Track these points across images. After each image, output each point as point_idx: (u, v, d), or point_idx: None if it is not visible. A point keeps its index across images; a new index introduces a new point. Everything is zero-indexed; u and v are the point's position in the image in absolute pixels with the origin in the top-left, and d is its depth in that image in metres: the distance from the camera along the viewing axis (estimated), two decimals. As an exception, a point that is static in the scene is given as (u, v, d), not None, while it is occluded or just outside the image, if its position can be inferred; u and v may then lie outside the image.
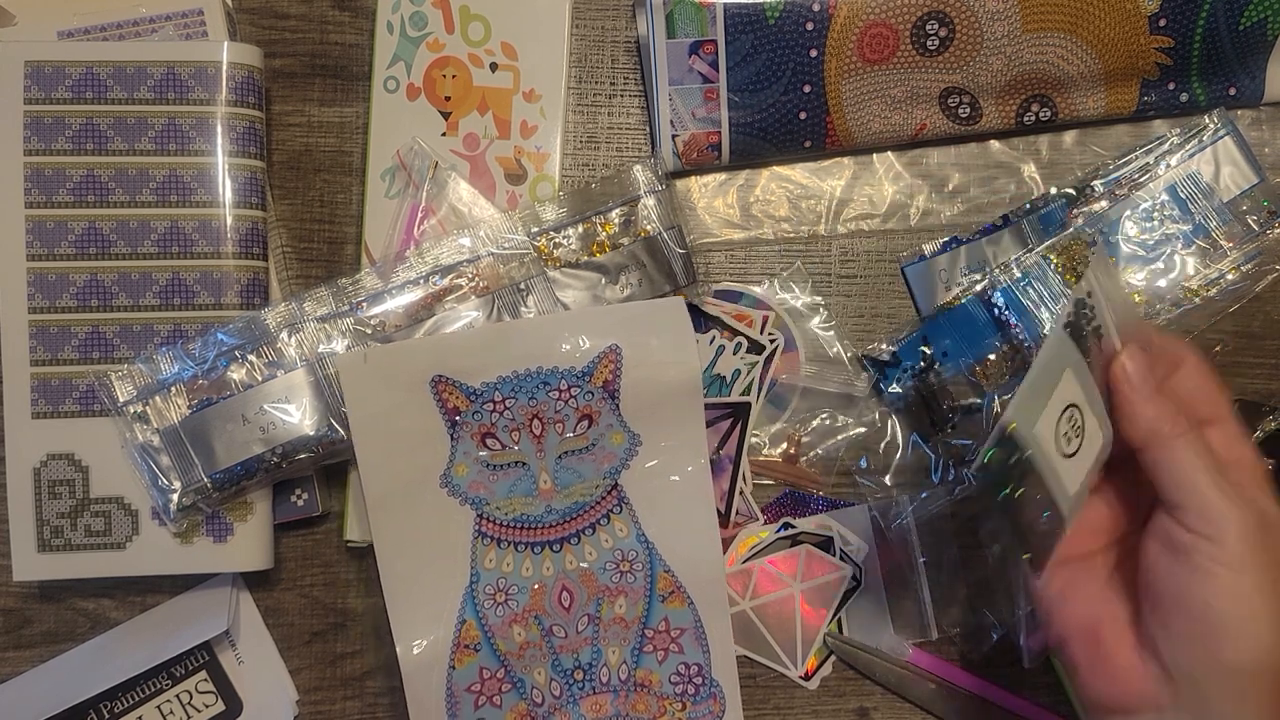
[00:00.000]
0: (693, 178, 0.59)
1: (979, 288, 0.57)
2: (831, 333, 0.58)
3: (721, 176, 0.59)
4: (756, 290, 0.58)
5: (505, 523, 0.54)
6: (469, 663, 0.53)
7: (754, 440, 0.57)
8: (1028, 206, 0.58)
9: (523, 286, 0.54)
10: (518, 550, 0.54)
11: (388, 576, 0.53)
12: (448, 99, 0.57)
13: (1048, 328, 0.45)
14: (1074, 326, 0.41)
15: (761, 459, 0.57)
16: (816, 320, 0.58)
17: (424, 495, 0.53)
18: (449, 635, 0.53)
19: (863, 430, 0.58)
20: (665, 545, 0.54)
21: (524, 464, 0.54)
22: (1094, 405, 0.42)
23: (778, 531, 0.56)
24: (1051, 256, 0.56)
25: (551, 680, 0.54)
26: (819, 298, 0.58)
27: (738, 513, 0.57)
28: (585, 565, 0.54)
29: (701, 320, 0.57)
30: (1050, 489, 0.41)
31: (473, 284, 0.54)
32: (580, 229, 0.54)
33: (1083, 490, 0.42)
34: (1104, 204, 0.57)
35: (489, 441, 0.53)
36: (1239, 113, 0.59)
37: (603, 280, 0.54)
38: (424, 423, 0.53)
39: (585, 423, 0.53)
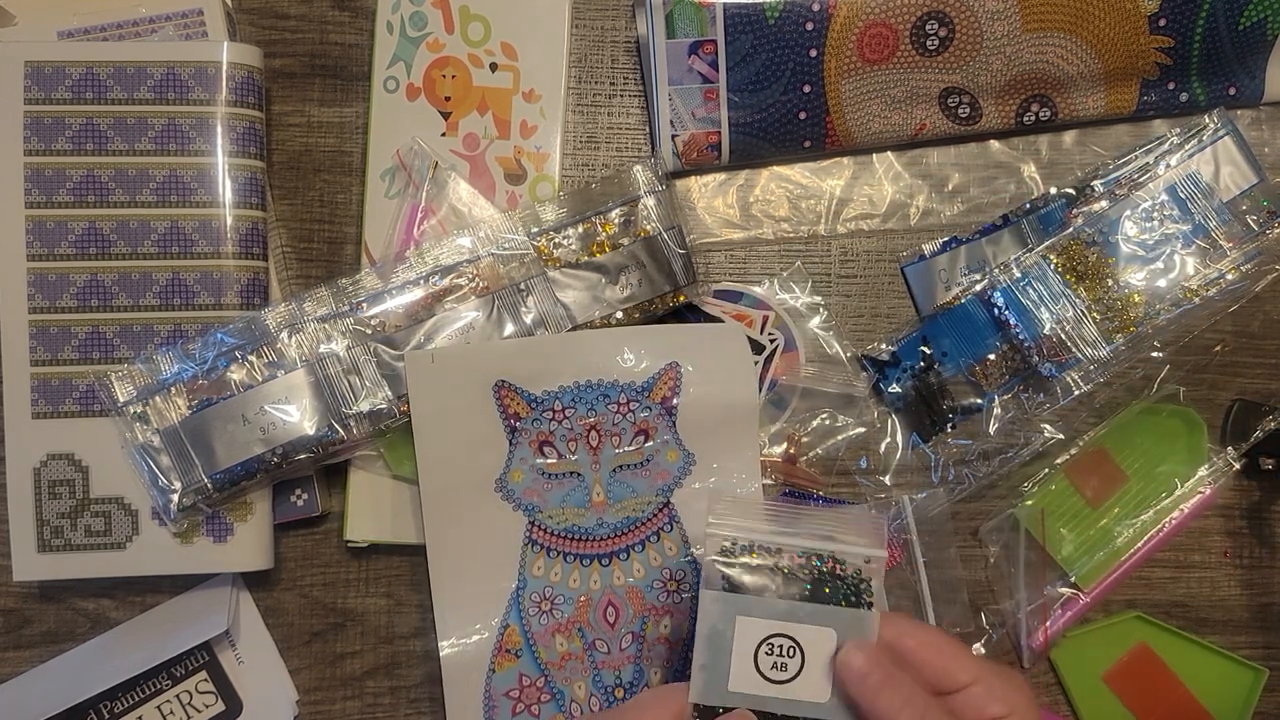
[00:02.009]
0: (693, 178, 0.59)
1: (979, 288, 0.57)
2: (831, 333, 0.58)
3: (721, 176, 0.59)
4: (756, 290, 0.58)
5: (556, 532, 0.54)
6: (509, 668, 0.53)
7: (754, 440, 0.57)
8: (1028, 206, 0.58)
9: (523, 287, 0.54)
10: (566, 560, 0.54)
11: (436, 573, 0.53)
12: (448, 99, 0.57)
13: (703, 597, 0.42)
14: (728, 580, 0.41)
15: (761, 459, 0.57)
16: (816, 320, 0.58)
17: (478, 497, 0.53)
18: (492, 638, 0.53)
19: (863, 430, 0.58)
20: None
21: (579, 474, 0.54)
22: (801, 614, 0.41)
23: (778, 531, 0.56)
24: (1051, 256, 0.56)
25: (591, 695, 0.54)
26: (819, 298, 0.58)
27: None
28: (633, 582, 0.54)
29: (701, 320, 0.58)
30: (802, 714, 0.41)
31: (473, 284, 0.54)
32: (580, 229, 0.54)
33: (835, 699, 0.41)
34: (1104, 204, 0.57)
35: (546, 450, 0.54)
36: (1239, 112, 0.59)
37: (603, 280, 0.54)
38: (484, 426, 0.53)
39: (642, 437, 0.54)
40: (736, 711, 0.41)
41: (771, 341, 0.58)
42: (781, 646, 0.41)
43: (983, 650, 0.58)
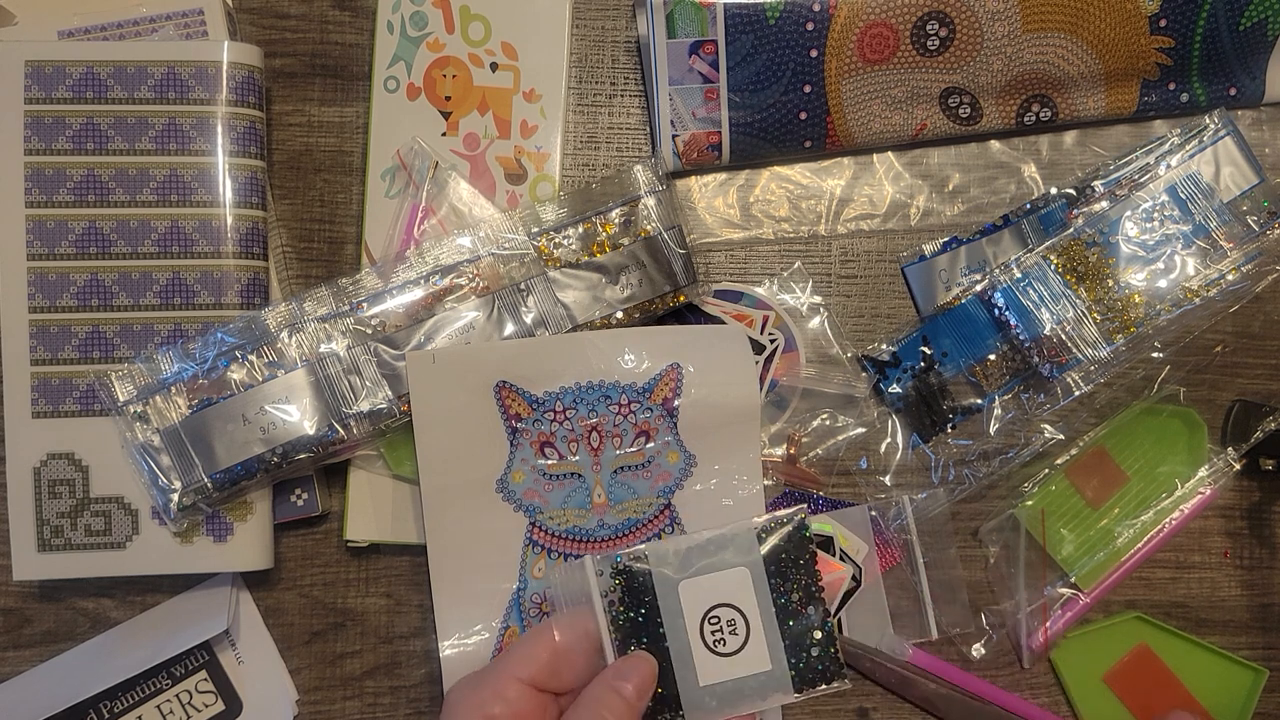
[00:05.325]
0: (693, 178, 0.59)
1: (979, 288, 0.57)
2: (831, 333, 0.58)
3: (721, 176, 0.59)
4: (757, 290, 0.58)
5: (557, 533, 0.54)
6: None
7: (754, 440, 0.57)
8: (1028, 206, 0.58)
9: (523, 286, 0.54)
10: (568, 562, 0.54)
11: (436, 573, 0.53)
12: (448, 99, 0.57)
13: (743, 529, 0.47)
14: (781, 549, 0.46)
15: (762, 459, 0.57)
16: (817, 320, 0.58)
17: (479, 498, 0.53)
18: (493, 639, 0.53)
19: (863, 430, 0.58)
20: None
21: (579, 475, 0.54)
22: (768, 631, 0.45)
23: (778, 531, 0.56)
24: (1051, 256, 0.56)
25: None
26: (819, 298, 0.58)
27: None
28: None
29: (702, 321, 0.58)
30: (670, 654, 0.45)
31: (473, 284, 0.54)
32: (580, 229, 0.54)
33: (721, 704, 0.45)
34: (1104, 204, 0.57)
35: (547, 450, 0.54)
36: (1239, 113, 0.59)
37: (603, 280, 0.54)
38: (485, 427, 0.53)
39: (643, 438, 0.54)
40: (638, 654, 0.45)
41: (772, 342, 0.58)
42: (731, 627, 0.45)
43: (983, 650, 0.58)
